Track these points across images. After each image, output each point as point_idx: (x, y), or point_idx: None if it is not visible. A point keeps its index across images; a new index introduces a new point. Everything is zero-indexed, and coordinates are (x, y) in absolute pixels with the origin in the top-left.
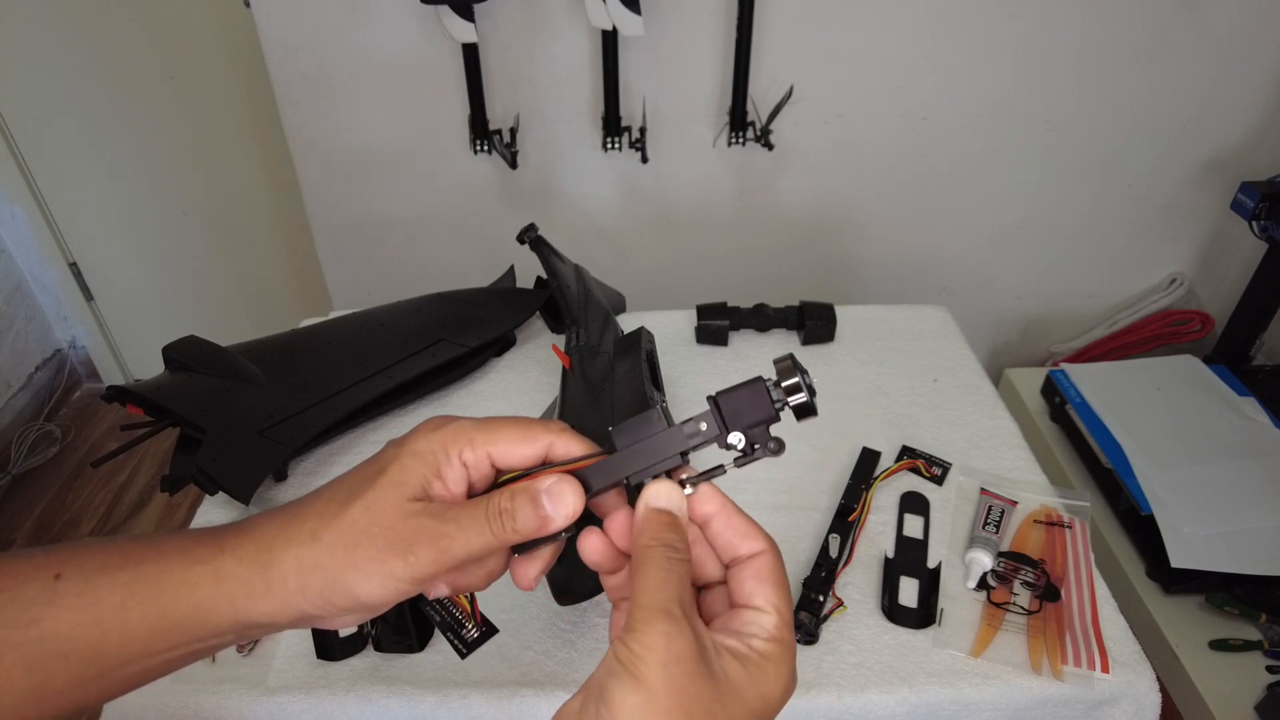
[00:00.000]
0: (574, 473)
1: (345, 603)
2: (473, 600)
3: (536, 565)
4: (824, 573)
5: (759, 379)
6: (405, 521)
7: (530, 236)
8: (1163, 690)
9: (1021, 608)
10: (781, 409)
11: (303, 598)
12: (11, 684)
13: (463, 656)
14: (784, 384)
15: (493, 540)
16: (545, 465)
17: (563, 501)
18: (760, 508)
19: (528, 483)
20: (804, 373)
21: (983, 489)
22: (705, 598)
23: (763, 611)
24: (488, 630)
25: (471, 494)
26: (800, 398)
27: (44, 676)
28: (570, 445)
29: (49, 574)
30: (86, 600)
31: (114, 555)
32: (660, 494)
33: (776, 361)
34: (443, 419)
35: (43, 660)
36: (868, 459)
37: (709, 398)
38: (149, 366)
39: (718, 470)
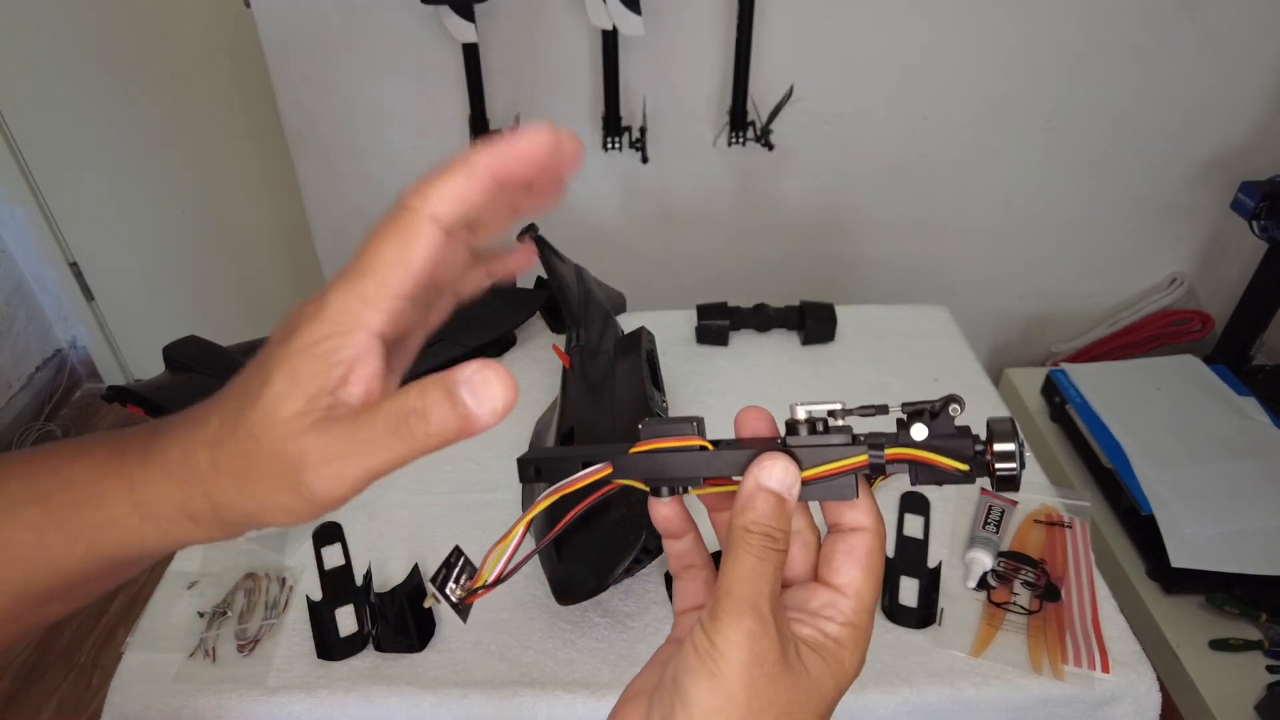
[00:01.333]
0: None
1: (263, 527)
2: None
3: None
4: None
5: (967, 437)
6: (293, 444)
7: (530, 237)
8: (1163, 690)
9: (1022, 607)
10: (980, 472)
11: (228, 526)
12: None
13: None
14: (997, 448)
15: (404, 451)
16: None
17: (487, 391)
18: None
19: (441, 375)
20: (1021, 443)
21: (982, 489)
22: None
23: (841, 594)
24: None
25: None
26: (1010, 467)
27: None
28: (449, 193)
29: None
30: None
31: (18, 487)
32: (775, 472)
33: (991, 421)
34: (318, 298)
35: None
36: None
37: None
38: (149, 366)
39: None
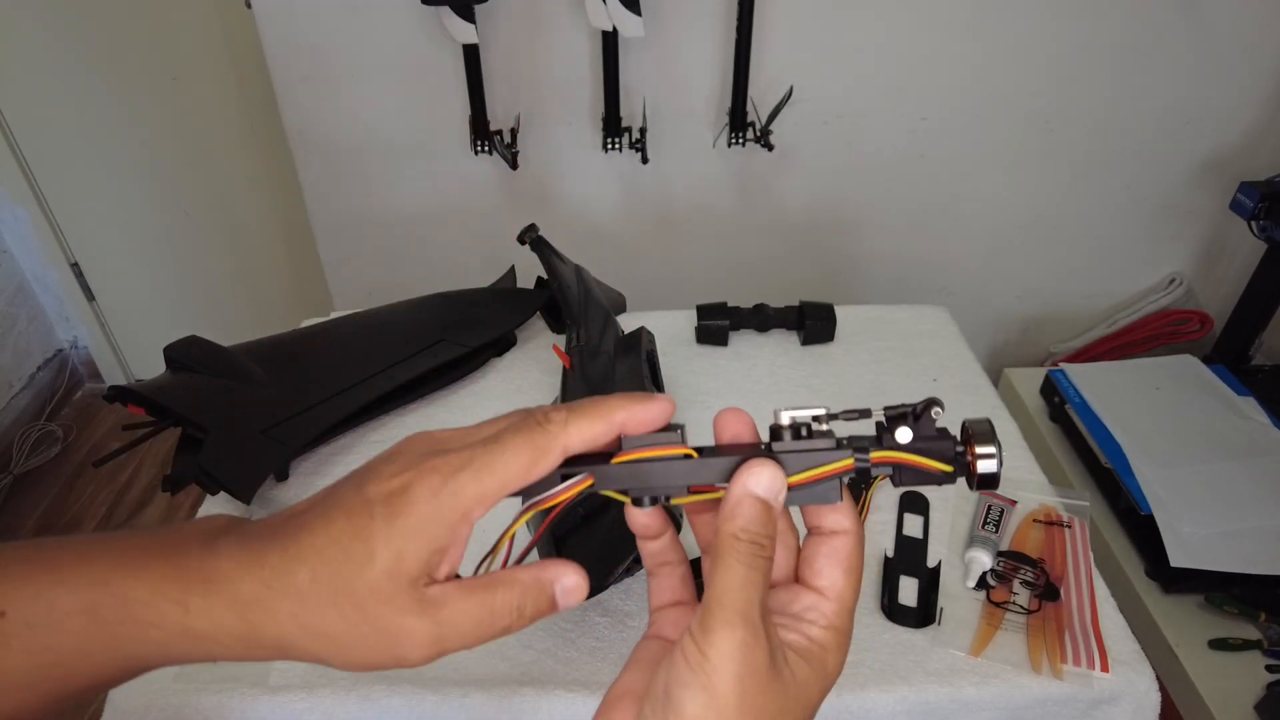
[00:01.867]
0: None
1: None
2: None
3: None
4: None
5: (947, 438)
6: (400, 623)
7: (531, 237)
8: (1162, 689)
9: (1021, 607)
10: (961, 472)
11: (286, 658)
12: None
13: None
14: (977, 449)
15: (496, 635)
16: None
17: (576, 594)
18: None
19: (538, 576)
20: (999, 444)
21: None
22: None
23: (824, 597)
24: None
25: None
26: (990, 466)
27: (11, 704)
28: (585, 435)
29: None
30: (40, 644)
31: (64, 595)
32: (763, 478)
33: (968, 423)
34: (432, 469)
35: (8, 691)
36: None
37: (885, 418)
38: (150, 366)
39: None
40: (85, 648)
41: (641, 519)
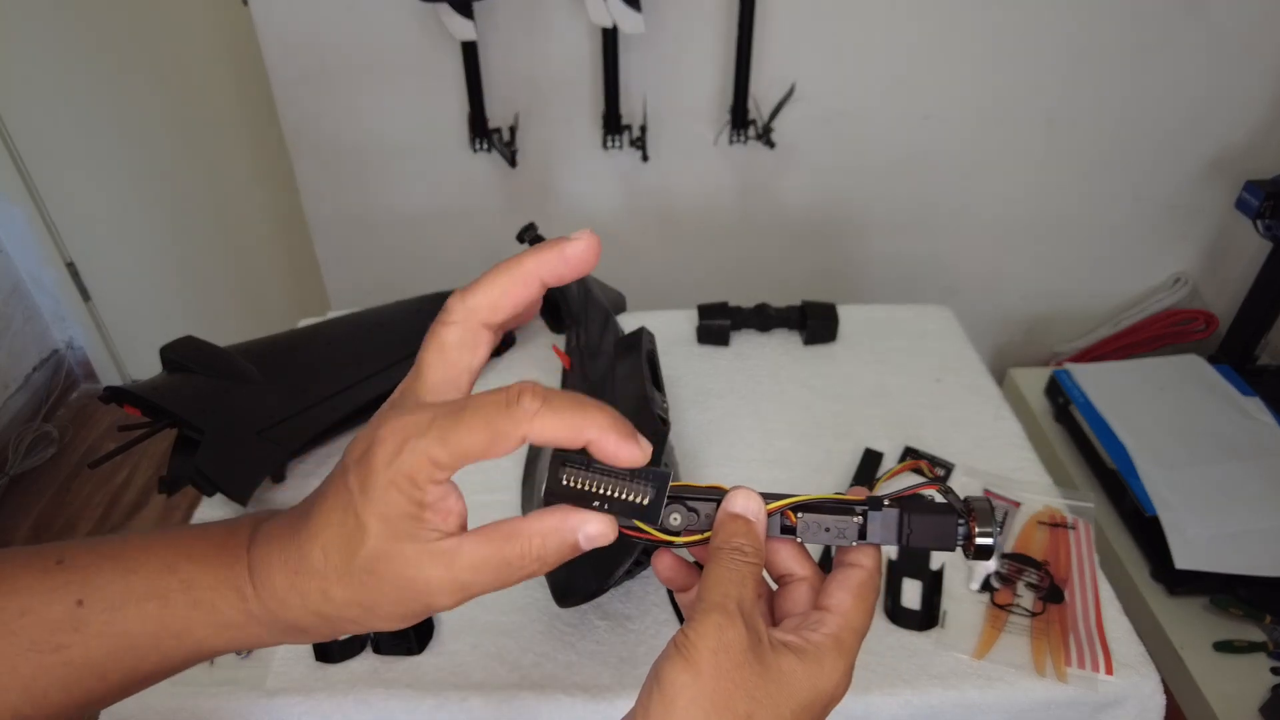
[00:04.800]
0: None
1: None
2: None
3: None
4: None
5: (952, 511)
6: (413, 575)
7: (530, 236)
8: (1167, 692)
9: (1025, 609)
10: (962, 544)
11: (338, 632)
12: (47, 699)
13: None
14: (978, 530)
15: (521, 579)
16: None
17: (603, 539)
18: None
19: (561, 524)
20: (998, 524)
21: (986, 490)
22: (786, 593)
23: (830, 613)
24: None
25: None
26: (986, 541)
27: (80, 693)
28: (549, 435)
29: (70, 599)
30: (116, 629)
31: (137, 581)
32: (738, 500)
33: (971, 500)
34: (390, 433)
35: (79, 680)
36: (870, 460)
37: (894, 500)
38: (147, 367)
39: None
40: (157, 632)
41: (664, 574)
